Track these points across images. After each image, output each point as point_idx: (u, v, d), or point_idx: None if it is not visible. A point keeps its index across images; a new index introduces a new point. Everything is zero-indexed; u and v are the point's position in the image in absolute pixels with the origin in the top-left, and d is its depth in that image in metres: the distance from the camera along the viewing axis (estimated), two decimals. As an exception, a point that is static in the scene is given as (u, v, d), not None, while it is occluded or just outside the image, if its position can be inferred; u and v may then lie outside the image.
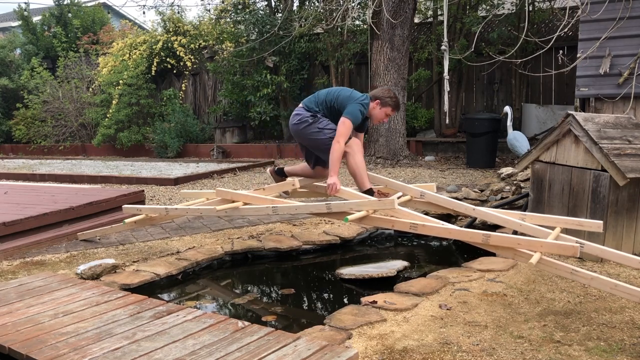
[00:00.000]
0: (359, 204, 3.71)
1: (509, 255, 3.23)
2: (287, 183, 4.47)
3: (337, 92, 4.25)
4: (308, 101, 4.33)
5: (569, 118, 4.07)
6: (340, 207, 3.73)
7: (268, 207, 4.01)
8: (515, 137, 7.38)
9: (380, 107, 4.19)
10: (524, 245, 3.11)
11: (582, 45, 5.39)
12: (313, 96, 4.36)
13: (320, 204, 3.83)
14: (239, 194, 4.35)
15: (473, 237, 3.28)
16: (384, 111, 4.21)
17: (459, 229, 3.43)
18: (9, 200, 5.73)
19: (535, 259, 2.97)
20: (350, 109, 4.05)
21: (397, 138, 9.17)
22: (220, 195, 4.43)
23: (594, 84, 5.40)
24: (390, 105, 4.20)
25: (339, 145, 4.01)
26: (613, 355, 2.56)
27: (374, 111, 4.21)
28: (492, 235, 3.20)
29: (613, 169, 3.77)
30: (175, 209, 4.50)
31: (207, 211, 4.25)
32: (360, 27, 10.52)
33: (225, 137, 11.86)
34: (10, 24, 20.40)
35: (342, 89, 4.32)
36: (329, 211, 3.77)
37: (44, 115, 13.34)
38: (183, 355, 2.48)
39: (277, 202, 4.07)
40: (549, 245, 3.04)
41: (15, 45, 15.44)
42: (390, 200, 3.55)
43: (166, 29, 12.61)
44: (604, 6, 5.17)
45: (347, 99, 4.13)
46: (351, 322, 2.97)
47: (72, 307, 3.12)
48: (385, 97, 4.19)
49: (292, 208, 3.95)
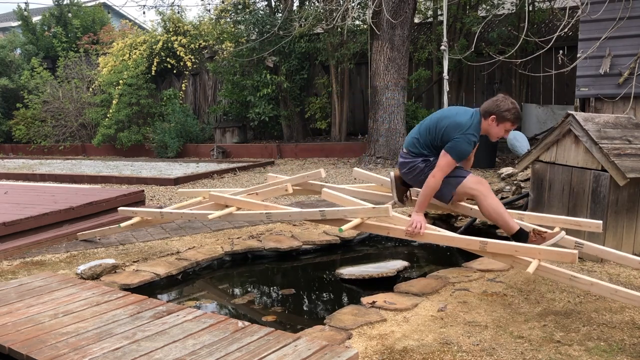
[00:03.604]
0: (353, 211, 3.62)
1: (507, 262, 3.21)
2: (279, 188, 4.38)
3: (441, 127, 3.56)
4: (411, 145, 3.73)
5: (569, 118, 4.07)
6: (335, 214, 3.68)
7: (262, 214, 3.97)
8: (515, 137, 7.38)
9: (497, 124, 3.49)
10: (521, 253, 3.08)
11: (582, 45, 5.39)
12: (414, 136, 3.73)
13: (315, 211, 3.78)
14: (232, 199, 4.26)
15: (470, 245, 3.25)
16: (502, 127, 3.50)
17: (456, 236, 3.37)
18: (9, 200, 5.73)
19: (533, 267, 2.94)
20: (453, 144, 3.46)
21: (397, 138, 9.17)
22: (214, 199, 4.37)
23: (594, 84, 5.40)
24: (510, 119, 3.47)
25: (434, 180, 3.49)
26: (613, 355, 2.56)
27: (491, 129, 3.53)
28: (489, 243, 3.16)
29: (613, 169, 3.77)
30: (170, 212, 4.46)
31: (201, 216, 4.22)
32: (360, 27, 10.53)
33: (225, 137, 11.87)
34: (10, 24, 20.40)
35: (443, 116, 3.63)
36: (323, 218, 3.73)
37: (44, 115, 13.34)
38: (183, 355, 2.48)
39: (270, 208, 4.02)
40: (547, 252, 3.02)
41: (15, 45, 15.45)
42: (385, 208, 3.48)
43: (166, 29, 12.62)
44: (604, 6, 5.17)
45: (452, 132, 3.49)
46: (351, 322, 2.97)
47: (72, 307, 3.12)
48: (502, 111, 3.46)
49: (286, 214, 3.90)
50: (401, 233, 3.47)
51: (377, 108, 9.17)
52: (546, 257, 3.02)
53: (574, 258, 2.92)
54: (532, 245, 3.12)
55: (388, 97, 9.07)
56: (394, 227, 3.53)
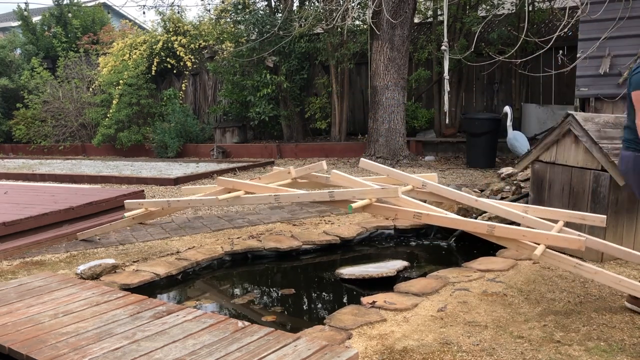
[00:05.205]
0: (362, 191, 3.68)
1: (513, 246, 3.23)
2: (282, 171, 4.45)
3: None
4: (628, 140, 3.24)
5: (568, 118, 4.07)
6: (343, 195, 3.72)
7: (270, 196, 4.00)
8: (515, 137, 7.38)
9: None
10: (528, 237, 3.11)
11: (582, 45, 5.39)
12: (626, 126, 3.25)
13: (324, 192, 3.81)
14: (240, 183, 4.34)
15: (477, 228, 3.27)
16: None
17: (463, 219, 3.42)
18: (9, 200, 5.73)
19: (540, 250, 2.96)
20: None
21: (397, 138, 9.17)
22: (222, 184, 4.43)
23: (594, 84, 5.40)
24: None
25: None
26: (613, 355, 2.56)
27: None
28: (496, 227, 3.20)
29: (613, 169, 3.76)
30: (177, 201, 4.52)
31: (210, 201, 4.25)
32: (360, 27, 10.52)
33: (225, 137, 11.86)
34: (10, 24, 20.39)
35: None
36: (332, 199, 3.76)
37: (44, 115, 13.33)
38: (183, 355, 2.48)
39: (279, 191, 4.06)
40: (555, 237, 3.03)
41: (15, 45, 15.44)
42: (394, 189, 3.52)
43: (166, 29, 12.61)
44: (604, 6, 5.18)
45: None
46: (351, 322, 2.97)
47: (72, 307, 3.12)
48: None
49: (295, 196, 3.93)
50: (409, 215, 3.46)
51: (377, 108, 9.17)
52: (553, 243, 3.03)
53: (581, 244, 2.92)
54: (540, 231, 3.15)
55: (388, 97, 9.07)
56: (403, 209, 3.53)
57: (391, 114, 9.10)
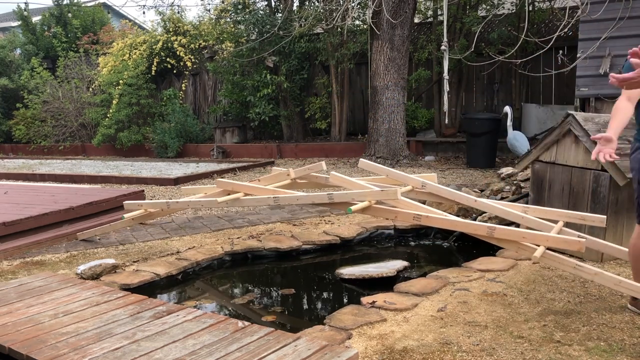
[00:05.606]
0: (361, 194, 3.67)
1: (513, 248, 3.23)
2: (282, 173, 4.45)
3: None
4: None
5: (569, 118, 4.07)
6: (343, 197, 3.71)
7: (269, 198, 4.00)
8: (515, 137, 7.38)
9: None
10: (528, 239, 3.11)
11: (582, 45, 5.39)
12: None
13: (323, 194, 3.81)
14: (239, 185, 4.35)
15: (477, 230, 3.27)
16: None
17: (463, 221, 3.42)
18: (9, 200, 5.73)
19: (540, 252, 2.96)
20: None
21: (397, 138, 9.17)
22: (221, 186, 4.43)
23: (594, 84, 5.40)
24: None
25: None
26: (613, 355, 2.56)
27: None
28: (496, 228, 3.20)
29: (613, 169, 3.76)
30: (176, 202, 4.52)
31: (209, 203, 4.25)
32: (360, 27, 10.52)
33: (225, 137, 11.86)
34: (10, 24, 20.40)
35: None
36: (331, 201, 3.75)
37: (44, 115, 13.33)
38: (183, 355, 2.48)
39: (278, 193, 4.06)
40: (554, 239, 3.04)
41: (15, 45, 15.44)
42: (393, 190, 3.52)
43: (166, 29, 12.61)
44: (604, 6, 5.18)
45: None
46: (351, 322, 2.97)
47: (72, 307, 3.12)
48: None
49: (294, 198, 3.93)
50: (409, 217, 3.46)
51: (377, 108, 9.17)
52: (553, 244, 3.04)
53: (580, 246, 2.92)
54: (540, 232, 3.16)
55: (388, 97, 9.07)
56: (402, 210, 3.52)
57: (391, 114, 9.10)
